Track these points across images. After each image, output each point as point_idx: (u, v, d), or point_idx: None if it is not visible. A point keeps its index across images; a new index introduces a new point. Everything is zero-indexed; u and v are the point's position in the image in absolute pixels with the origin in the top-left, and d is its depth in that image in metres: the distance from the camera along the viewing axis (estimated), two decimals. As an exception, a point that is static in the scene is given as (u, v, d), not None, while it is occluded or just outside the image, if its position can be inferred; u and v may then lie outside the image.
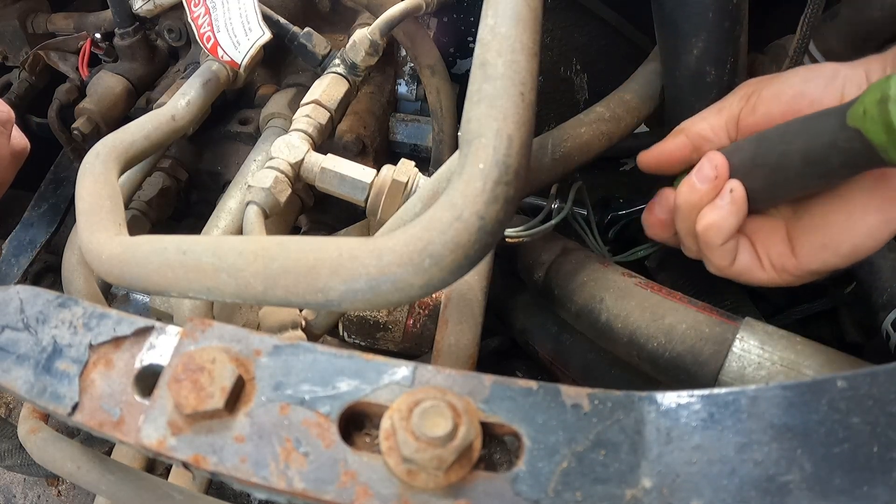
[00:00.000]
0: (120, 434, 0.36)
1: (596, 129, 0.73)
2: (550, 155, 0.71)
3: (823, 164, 0.49)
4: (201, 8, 0.81)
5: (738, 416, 0.32)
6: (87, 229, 0.54)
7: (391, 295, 0.39)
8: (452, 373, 0.36)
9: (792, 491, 0.30)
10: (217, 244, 0.44)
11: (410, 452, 0.32)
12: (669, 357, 0.62)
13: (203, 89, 0.79)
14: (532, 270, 0.78)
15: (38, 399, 0.39)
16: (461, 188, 0.39)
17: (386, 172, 0.74)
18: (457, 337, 0.64)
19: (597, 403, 0.34)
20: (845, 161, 0.48)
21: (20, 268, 0.96)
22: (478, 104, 0.42)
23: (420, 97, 1.02)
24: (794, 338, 0.59)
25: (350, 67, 0.81)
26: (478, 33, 0.46)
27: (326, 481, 0.33)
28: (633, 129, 0.77)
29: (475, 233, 0.38)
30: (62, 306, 0.41)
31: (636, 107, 0.77)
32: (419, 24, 0.88)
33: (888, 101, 0.42)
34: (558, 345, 0.78)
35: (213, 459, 0.34)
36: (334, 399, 0.35)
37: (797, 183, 0.53)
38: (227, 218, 0.80)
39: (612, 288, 0.68)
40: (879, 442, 0.31)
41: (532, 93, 0.43)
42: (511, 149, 0.40)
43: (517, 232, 0.75)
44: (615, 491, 0.31)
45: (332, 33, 0.99)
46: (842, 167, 0.49)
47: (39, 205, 1.02)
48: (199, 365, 0.35)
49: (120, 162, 0.66)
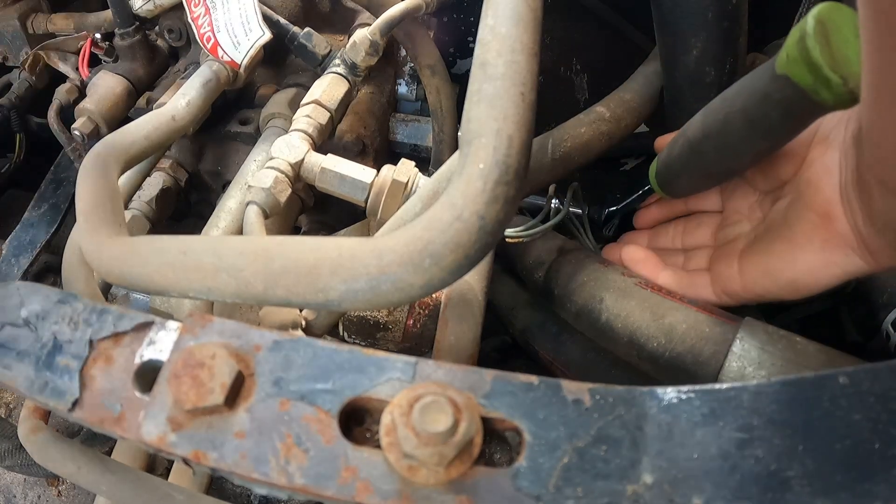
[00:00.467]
0: (120, 430, 0.36)
1: (596, 129, 0.73)
2: (550, 155, 0.71)
3: (764, 121, 0.48)
4: (201, 8, 0.81)
5: (740, 412, 0.32)
6: (88, 229, 0.54)
7: (391, 295, 0.39)
8: (453, 368, 0.36)
9: (793, 487, 0.30)
10: (217, 244, 0.44)
11: (411, 448, 0.32)
12: (670, 357, 0.62)
13: (203, 89, 0.79)
14: (532, 270, 0.78)
15: (38, 395, 0.39)
16: (461, 188, 0.39)
17: (386, 172, 0.74)
18: (457, 337, 0.64)
19: (598, 399, 0.34)
20: (784, 113, 0.46)
21: (20, 268, 0.96)
22: (478, 104, 0.42)
23: (420, 97, 1.03)
24: (795, 338, 0.59)
25: (350, 67, 0.81)
26: (478, 33, 0.46)
27: (327, 477, 0.33)
28: (633, 129, 0.77)
29: (475, 233, 0.38)
30: (62, 302, 0.41)
31: (636, 107, 0.77)
32: (419, 24, 0.88)
33: (806, 38, 0.40)
34: (558, 345, 0.78)
35: (213, 455, 0.34)
36: (335, 394, 0.35)
37: (744, 146, 0.52)
38: (227, 218, 0.80)
39: (612, 288, 0.68)
40: (881, 439, 0.31)
41: (532, 93, 0.43)
42: (511, 149, 0.40)
43: (517, 232, 0.75)
44: (616, 486, 0.31)
45: (332, 33, 0.99)
46: (783, 120, 0.48)
47: (39, 205, 1.02)
48: (198, 360, 0.35)
49: (120, 162, 0.66)
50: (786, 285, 0.55)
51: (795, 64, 0.42)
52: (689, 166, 0.61)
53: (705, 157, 0.56)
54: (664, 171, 0.66)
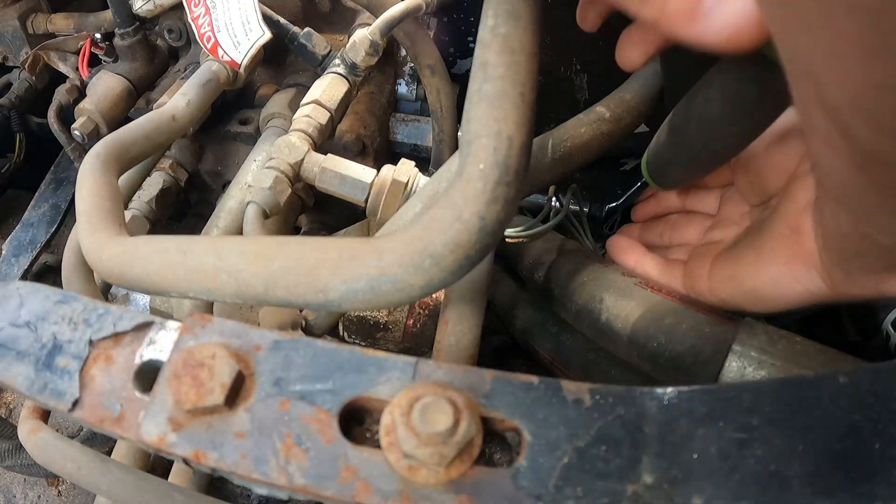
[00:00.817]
0: (120, 430, 0.36)
1: (596, 129, 0.73)
2: (550, 155, 0.71)
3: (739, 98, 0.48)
4: (201, 8, 0.81)
5: (740, 412, 0.32)
6: (88, 229, 0.54)
7: (391, 295, 0.39)
8: (453, 368, 0.36)
9: (793, 487, 0.30)
10: (217, 244, 0.44)
11: (411, 448, 0.32)
12: (669, 357, 0.62)
13: (203, 89, 0.79)
14: (532, 270, 0.78)
15: (38, 396, 0.39)
16: (461, 188, 0.39)
17: (386, 172, 0.74)
18: (457, 337, 0.64)
19: (598, 398, 0.34)
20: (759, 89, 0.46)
21: (20, 268, 0.96)
22: (478, 104, 0.42)
23: (420, 97, 1.03)
24: (794, 338, 0.59)
25: (350, 67, 0.81)
26: (478, 33, 0.46)
27: (327, 477, 0.33)
28: (634, 128, 0.77)
29: (476, 233, 0.38)
30: (62, 302, 0.41)
31: (636, 107, 0.77)
32: (419, 24, 0.88)
33: None
34: (558, 345, 0.78)
35: (213, 455, 0.34)
36: (335, 394, 0.35)
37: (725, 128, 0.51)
38: (227, 218, 0.80)
39: (612, 288, 0.68)
40: (881, 439, 0.31)
41: (532, 93, 0.43)
42: (511, 149, 0.40)
43: (517, 232, 0.75)
44: (616, 486, 0.31)
45: (332, 33, 0.99)
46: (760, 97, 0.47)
47: (39, 205, 1.02)
48: (198, 360, 0.35)
49: (120, 162, 0.66)
50: (749, 293, 0.54)
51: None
52: (676, 153, 0.60)
53: (690, 142, 0.56)
54: (654, 160, 0.65)
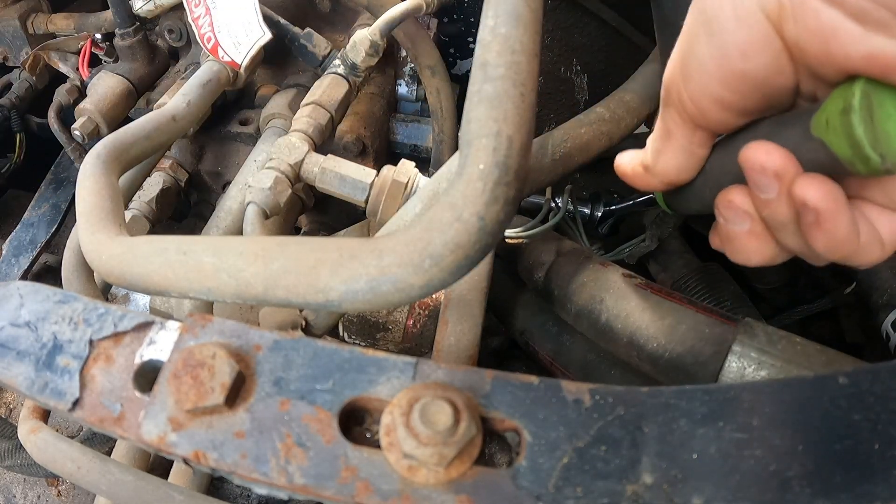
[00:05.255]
0: (120, 430, 0.36)
1: (596, 130, 0.73)
2: (550, 155, 0.71)
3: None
4: (202, 8, 0.82)
5: (740, 412, 0.32)
6: (88, 229, 0.54)
7: (391, 295, 0.39)
8: (453, 368, 0.36)
9: (793, 487, 0.30)
10: (217, 244, 0.44)
11: (411, 448, 0.32)
12: (669, 358, 0.62)
13: (203, 90, 0.79)
14: (532, 271, 0.79)
15: (38, 395, 0.39)
16: (461, 189, 0.39)
17: (386, 173, 0.74)
18: (457, 337, 0.64)
19: (598, 399, 0.34)
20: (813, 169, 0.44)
21: (20, 268, 0.97)
22: (478, 105, 0.42)
23: (420, 98, 1.02)
24: (794, 338, 0.59)
25: (350, 68, 0.81)
26: (478, 34, 0.46)
27: (327, 477, 0.33)
28: (633, 129, 0.78)
29: (475, 233, 0.38)
30: (62, 302, 0.41)
31: (636, 107, 0.77)
32: (419, 25, 0.88)
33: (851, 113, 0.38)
34: (558, 345, 0.78)
35: (213, 455, 0.34)
36: (335, 394, 0.35)
37: None
38: (228, 218, 0.80)
39: (612, 289, 0.68)
40: (880, 439, 0.31)
41: (532, 93, 0.43)
42: (511, 150, 0.40)
43: (517, 232, 0.75)
44: (616, 486, 0.31)
45: (332, 34, 0.99)
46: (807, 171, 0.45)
47: (39, 205, 1.02)
48: (199, 360, 0.35)
49: (120, 162, 0.66)
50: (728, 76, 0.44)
51: (835, 135, 0.40)
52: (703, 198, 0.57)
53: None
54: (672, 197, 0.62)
